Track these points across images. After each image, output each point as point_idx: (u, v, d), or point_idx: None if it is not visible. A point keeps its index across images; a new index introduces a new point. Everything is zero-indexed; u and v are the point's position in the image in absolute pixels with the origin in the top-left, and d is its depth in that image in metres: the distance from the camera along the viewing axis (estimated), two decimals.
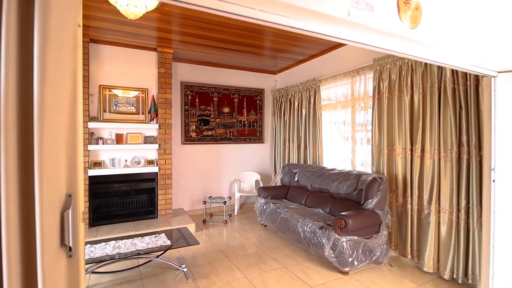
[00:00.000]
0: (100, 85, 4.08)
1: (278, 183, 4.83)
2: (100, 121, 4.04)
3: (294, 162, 5.00)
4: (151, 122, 4.34)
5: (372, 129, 3.56)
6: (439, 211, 2.84)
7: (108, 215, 4.20)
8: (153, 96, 4.37)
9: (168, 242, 2.83)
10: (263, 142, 5.80)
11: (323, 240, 2.94)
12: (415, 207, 3.05)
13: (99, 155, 4.08)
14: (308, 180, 4.18)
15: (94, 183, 4.02)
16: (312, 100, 4.61)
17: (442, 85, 2.83)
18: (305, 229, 3.22)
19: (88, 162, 3.94)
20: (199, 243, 2.83)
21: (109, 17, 3.28)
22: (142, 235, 3.04)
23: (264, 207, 4.19)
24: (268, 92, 5.85)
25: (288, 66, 5.37)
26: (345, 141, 4.18)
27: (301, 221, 3.35)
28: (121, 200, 4.34)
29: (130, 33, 3.75)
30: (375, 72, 3.53)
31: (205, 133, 5.20)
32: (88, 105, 3.96)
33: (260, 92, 5.74)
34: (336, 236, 2.83)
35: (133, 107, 4.27)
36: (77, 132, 0.82)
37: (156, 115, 4.34)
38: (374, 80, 3.54)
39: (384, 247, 3.00)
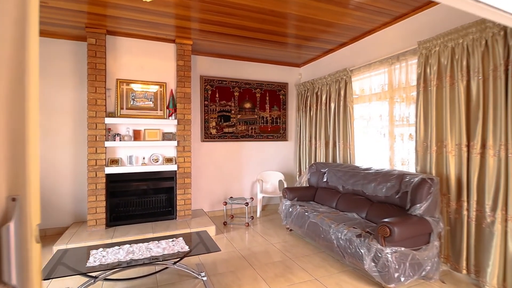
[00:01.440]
0: (117, 79, 3.89)
1: (305, 184, 4.44)
2: (117, 117, 3.85)
3: (322, 161, 4.59)
4: (170, 117, 4.10)
5: (416, 123, 3.10)
6: (506, 220, 2.36)
7: (126, 215, 4.01)
8: (172, 90, 4.14)
9: (186, 248, 2.54)
10: (286, 140, 5.42)
11: (362, 251, 2.54)
12: (473, 214, 2.57)
13: (116, 152, 3.90)
14: (339, 180, 3.77)
15: (111, 181, 3.83)
16: (342, 92, 4.18)
17: (510, 67, 2.34)
18: (339, 236, 2.83)
19: (105, 159, 3.76)
20: (220, 250, 2.52)
21: (125, 3, 3.05)
22: (159, 239, 2.77)
23: (290, 209, 3.83)
24: (292, 86, 5.47)
25: (314, 57, 4.97)
26: (381, 137, 3.73)
27: (334, 227, 2.95)
28: (139, 199, 4.14)
29: (147, 22, 3.52)
30: (420, 57, 3.07)
31: (226, 130, 4.91)
32: (105, 99, 3.77)
33: (283, 86, 5.37)
34: (379, 246, 2.41)
35: (151, 102, 4.06)
36: (27, 124, 0.52)
37: (175, 111, 4.10)
38: (419, 66, 3.08)
39: (435, 261, 2.55)
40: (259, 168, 5.19)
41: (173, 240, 2.74)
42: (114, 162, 3.85)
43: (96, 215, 3.71)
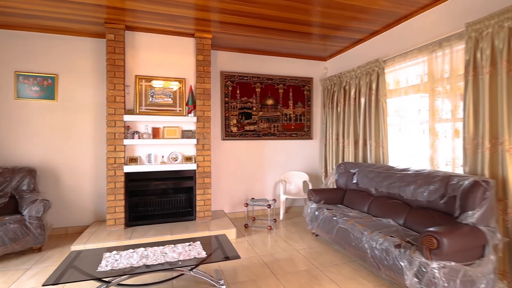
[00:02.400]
0: (136, 76, 3.79)
1: (332, 185, 4.12)
2: (136, 114, 3.75)
3: (351, 161, 4.24)
4: (189, 114, 3.95)
5: (464, 117, 2.69)
6: None
7: (145, 215, 3.91)
8: (191, 86, 3.98)
9: (203, 254, 2.34)
10: (311, 138, 5.11)
11: (402, 264, 2.20)
12: None
13: (135, 151, 3.80)
14: (371, 182, 3.42)
15: (130, 180, 3.74)
16: (373, 86, 3.81)
17: None
18: (374, 245, 2.50)
19: (124, 158, 3.67)
20: (239, 258, 2.29)
21: None
22: (175, 242, 2.60)
23: (316, 213, 3.53)
24: (317, 81, 5.15)
25: (342, 49, 4.62)
26: (420, 135, 3.33)
27: (367, 235, 2.63)
28: (158, 199, 4.02)
29: (166, 14, 3.37)
30: (468, 41, 2.66)
31: (247, 127, 4.69)
32: (124, 96, 3.69)
33: (308, 82, 5.06)
34: (423, 260, 2.07)
35: (170, 99, 3.93)
36: None
37: (194, 107, 3.94)
38: (467, 52, 2.68)
39: (491, 277, 2.15)
40: (282, 168, 4.92)
41: (190, 244, 2.55)
42: (133, 160, 3.76)
43: (115, 214, 3.63)
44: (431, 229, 2.12)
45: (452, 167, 2.92)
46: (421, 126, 3.32)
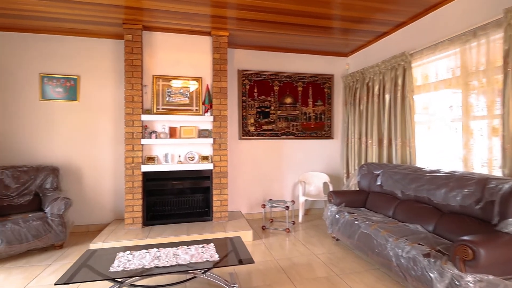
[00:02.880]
0: (153, 75, 3.81)
1: (354, 187, 3.91)
2: (153, 114, 3.76)
3: (375, 162, 4.00)
4: (205, 114, 3.90)
5: (502, 114, 2.42)
6: None
7: (162, 214, 3.91)
8: (207, 85, 3.94)
9: (216, 257, 2.25)
10: (332, 138, 4.90)
11: (432, 275, 1.99)
12: None
13: (152, 150, 3.81)
14: (397, 184, 3.19)
15: (148, 179, 3.76)
16: (399, 81, 3.56)
17: None
18: (400, 253, 2.30)
19: (141, 157, 3.69)
20: (253, 262, 2.19)
21: None
22: (189, 243, 2.54)
23: (337, 216, 3.35)
24: (338, 78, 4.93)
25: (364, 43, 4.39)
26: (452, 133, 3.06)
27: (392, 242, 2.43)
28: (175, 199, 4.01)
29: (182, 13, 3.34)
30: (508, 29, 2.39)
31: (265, 127, 4.58)
32: (142, 96, 3.71)
33: (328, 79, 4.86)
34: (456, 272, 1.85)
35: (186, 98, 3.91)
36: None
37: (211, 107, 3.89)
38: (506, 41, 2.41)
39: None
40: (301, 168, 4.76)
41: (203, 246, 2.48)
42: (151, 160, 3.77)
43: (133, 213, 3.66)
44: (465, 237, 1.90)
45: (488, 169, 2.64)
46: (453, 124, 3.04)
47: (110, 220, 4.04)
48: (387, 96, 3.77)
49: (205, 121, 3.94)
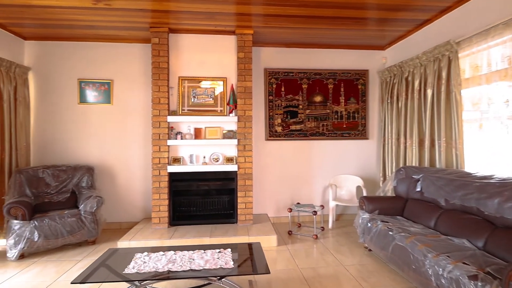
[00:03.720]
0: (179, 77, 3.84)
1: (390, 193, 3.55)
2: (179, 115, 3.79)
3: (414, 165, 3.60)
4: (230, 114, 3.84)
5: None
6: None
7: (188, 215, 3.93)
8: (232, 85, 3.87)
9: (230, 264, 2.15)
10: (367, 138, 4.53)
11: None
12: None
13: (178, 151, 3.85)
14: (439, 191, 2.80)
15: (174, 180, 3.80)
16: (443, 74, 3.14)
17: None
18: (440, 272, 1.98)
19: (167, 158, 3.74)
20: (269, 273, 2.03)
21: None
22: (206, 248, 2.47)
23: (369, 225, 3.05)
24: (373, 74, 4.55)
25: (403, 34, 3.98)
26: (508, 132, 2.60)
27: (431, 258, 2.10)
28: (201, 199, 4.00)
29: (207, 13, 3.30)
30: None
31: (293, 127, 4.38)
32: (168, 98, 3.76)
33: (362, 74, 4.51)
34: None
35: (211, 99, 3.88)
36: None
37: (235, 107, 3.81)
38: None
39: None
40: (332, 171, 4.47)
41: (220, 251, 2.39)
42: (176, 160, 3.81)
43: (160, 213, 3.72)
44: None
45: None
46: (510, 122, 2.58)
47: (140, 219, 4.16)
48: (429, 91, 3.35)
49: (230, 122, 3.87)
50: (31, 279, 2.65)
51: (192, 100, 3.85)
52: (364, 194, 4.09)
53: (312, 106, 4.41)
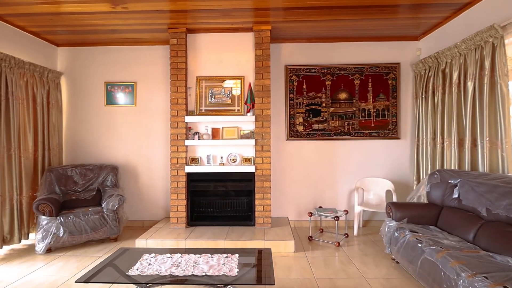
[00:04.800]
0: (197, 77, 3.82)
1: (422, 199, 3.18)
2: (196, 115, 3.77)
3: (453, 168, 3.19)
4: (248, 114, 3.73)
5: None
6: None
7: (205, 215, 3.89)
8: (250, 84, 3.76)
9: (235, 271, 2.03)
10: (398, 138, 4.14)
11: None
12: None
13: (196, 151, 3.83)
14: (481, 199, 2.42)
15: (192, 180, 3.79)
16: (486, 64, 2.72)
17: None
18: None
19: (185, 158, 3.74)
20: (273, 283, 1.88)
21: None
22: (213, 252, 2.39)
23: (396, 234, 2.74)
24: (406, 67, 4.14)
25: (440, 21, 3.56)
26: None
27: (465, 278, 1.79)
28: (219, 200, 3.94)
29: (224, 10, 3.21)
30: None
31: (315, 126, 4.15)
32: (186, 98, 3.76)
33: (393, 68, 4.13)
34: None
35: (228, 98, 3.80)
36: None
37: (253, 106, 3.69)
38: None
39: None
40: (359, 173, 4.15)
41: (227, 257, 2.29)
42: (194, 161, 3.79)
43: (178, 213, 3.73)
44: None
45: None
46: None
47: (161, 217, 4.23)
48: (469, 84, 2.94)
49: (247, 122, 3.76)
50: (54, 273, 2.77)
51: (210, 100, 3.81)
52: (394, 199, 3.73)
53: (337, 104, 4.14)
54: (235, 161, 3.77)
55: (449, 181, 2.84)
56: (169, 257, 2.30)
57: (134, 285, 2.16)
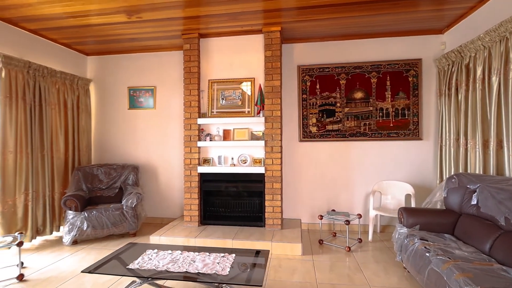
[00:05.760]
0: (209, 80, 3.93)
1: (439, 205, 2.95)
2: (208, 117, 3.88)
3: (477, 172, 2.92)
4: (258, 115, 3.75)
5: None
6: None
7: (218, 215, 3.98)
8: (260, 85, 3.77)
9: (227, 271, 2.07)
10: (420, 139, 3.88)
11: None
12: None
13: (208, 152, 3.94)
14: (500, 207, 2.19)
15: (204, 180, 3.90)
16: (511, 56, 2.46)
17: None
18: None
19: (198, 158, 3.87)
20: (260, 285, 1.88)
21: None
22: (211, 250, 2.45)
23: (406, 241, 2.59)
24: (428, 63, 3.86)
25: (465, 12, 3.27)
26: None
27: None
28: (231, 200, 4.00)
29: (234, 13, 3.27)
30: None
31: (329, 127, 4.04)
32: (199, 101, 3.89)
33: (414, 64, 3.87)
34: None
35: (239, 100, 3.86)
36: None
37: (263, 107, 3.71)
38: None
39: None
40: (376, 176, 3.96)
41: (223, 256, 2.34)
42: (206, 161, 3.91)
43: (191, 211, 3.87)
44: None
45: None
46: None
47: (178, 215, 4.42)
48: (494, 79, 2.67)
49: (258, 123, 3.78)
50: (76, 263, 3.05)
51: (221, 102, 3.90)
52: (413, 204, 3.51)
53: (352, 104, 3.99)
54: (245, 162, 3.81)
55: (468, 186, 2.61)
56: (170, 253, 2.41)
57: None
